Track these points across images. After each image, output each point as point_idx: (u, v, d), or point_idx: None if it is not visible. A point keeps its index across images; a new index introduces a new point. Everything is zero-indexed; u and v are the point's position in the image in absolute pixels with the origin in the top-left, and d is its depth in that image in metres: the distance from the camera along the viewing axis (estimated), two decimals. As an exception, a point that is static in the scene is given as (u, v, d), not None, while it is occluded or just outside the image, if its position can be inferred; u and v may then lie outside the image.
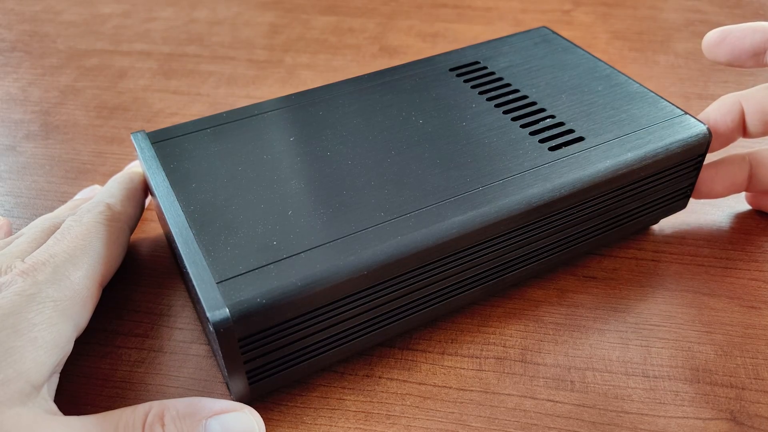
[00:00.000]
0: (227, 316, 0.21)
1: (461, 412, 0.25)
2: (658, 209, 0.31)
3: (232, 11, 0.56)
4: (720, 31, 0.30)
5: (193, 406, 0.22)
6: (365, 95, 0.31)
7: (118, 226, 0.27)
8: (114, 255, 0.26)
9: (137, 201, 0.30)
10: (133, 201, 0.29)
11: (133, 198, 0.29)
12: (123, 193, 0.29)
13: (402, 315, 0.26)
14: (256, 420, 0.23)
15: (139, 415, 0.22)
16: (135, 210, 0.29)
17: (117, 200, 0.28)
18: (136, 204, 0.30)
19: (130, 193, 0.29)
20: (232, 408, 0.23)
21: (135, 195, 0.30)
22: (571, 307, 0.29)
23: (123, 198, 0.29)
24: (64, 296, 0.23)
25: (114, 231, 0.27)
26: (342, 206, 0.25)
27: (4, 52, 0.51)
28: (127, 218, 0.28)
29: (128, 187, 0.30)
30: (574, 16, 0.54)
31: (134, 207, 0.29)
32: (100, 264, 0.25)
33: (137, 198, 0.30)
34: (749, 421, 0.25)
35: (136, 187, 0.30)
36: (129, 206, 0.29)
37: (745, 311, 0.29)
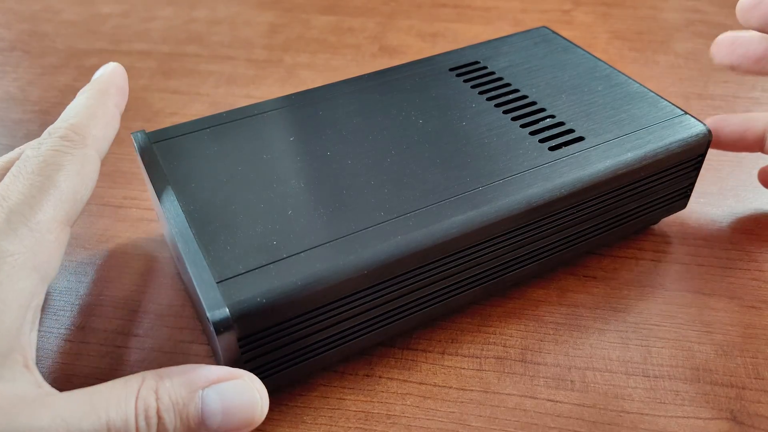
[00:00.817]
0: (227, 316, 0.21)
1: (461, 411, 0.25)
2: (658, 209, 0.31)
3: (232, 11, 0.56)
4: (730, 35, 0.30)
5: (188, 374, 0.20)
6: (365, 95, 0.31)
7: (82, 152, 0.23)
8: (79, 187, 0.23)
9: (107, 118, 0.25)
10: (102, 119, 0.25)
11: (101, 116, 0.25)
12: (88, 111, 0.25)
13: (402, 314, 0.26)
14: (258, 387, 0.21)
15: (132, 389, 0.20)
16: (104, 130, 0.25)
17: (81, 120, 0.24)
18: (106, 122, 0.25)
19: (97, 109, 0.25)
20: (230, 375, 0.21)
21: (103, 111, 0.25)
22: (571, 307, 0.29)
23: (88, 116, 0.24)
24: (24, 247, 0.20)
25: (78, 159, 0.23)
26: (342, 206, 0.25)
27: (3, 52, 0.50)
28: (94, 140, 0.24)
29: (94, 102, 0.25)
30: (574, 15, 0.54)
31: (103, 126, 0.25)
32: (63, 201, 0.22)
33: (107, 115, 0.25)
34: (749, 420, 0.25)
35: (105, 101, 0.25)
36: (96, 126, 0.24)
37: (745, 311, 0.29)
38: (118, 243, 0.33)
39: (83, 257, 0.32)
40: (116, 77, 0.27)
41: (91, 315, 0.29)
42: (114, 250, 0.33)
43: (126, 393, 0.19)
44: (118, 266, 0.32)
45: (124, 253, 0.32)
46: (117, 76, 0.27)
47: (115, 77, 0.27)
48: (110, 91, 0.26)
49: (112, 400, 0.19)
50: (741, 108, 0.42)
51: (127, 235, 0.33)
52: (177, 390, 0.20)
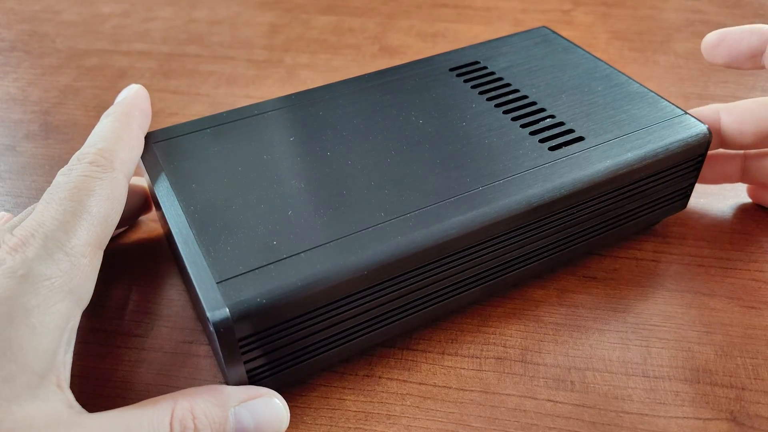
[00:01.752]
0: (227, 316, 0.21)
1: (461, 412, 0.25)
2: (658, 209, 0.31)
3: (232, 11, 0.56)
4: (718, 33, 0.30)
5: (218, 394, 0.21)
6: (365, 95, 0.31)
7: (111, 176, 0.24)
8: (110, 211, 0.23)
9: (132, 142, 0.26)
10: (128, 143, 0.25)
11: (127, 139, 0.25)
12: (114, 135, 0.25)
13: (402, 315, 0.26)
14: (283, 404, 0.23)
15: (165, 410, 0.20)
16: (130, 153, 0.25)
17: (108, 144, 0.25)
18: (132, 145, 0.26)
19: (123, 132, 0.25)
20: (256, 393, 0.22)
21: (128, 135, 0.26)
22: (571, 307, 0.29)
23: (114, 140, 0.25)
24: (60, 271, 0.21)
25: (108, 183, 0.23)
26: (342, 206, 0.25)
27: (4, 52, 0.50)
28: (122, 165, 0.25)
29: (119, 126, 0.26)
30: (574, 16, 0.54)
31: (129, 149, 0.25)
32: (95, 225, 0.22)
33: (132, 138, 0.26)
34: (749, 421, 0.25)
35: (130, 123, 0.26)
36: (123, 149, 0.25)
37: (745, 312, 0.29)
38: (119, 243, 0.33)
39: (83, 257, 0.32)
40: (139, 99, 0.28)
41: (91, 315, 0.29)
42: (114, 250, 0.33)
43: (159, 414, 0.20)
44: (118, 266, 0.32)
45: (125, 253, 0.32)
46: (140, 98, 0.28)
47: (139, 99, 0.28)
48: (134, 114, 0.27)
49: (145, 421, 0.20)
50: (741, 108, 0.42)
51: (127, 235, 0.33)
52: (212, 410, 0.21)
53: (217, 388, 0.22)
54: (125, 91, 0.28)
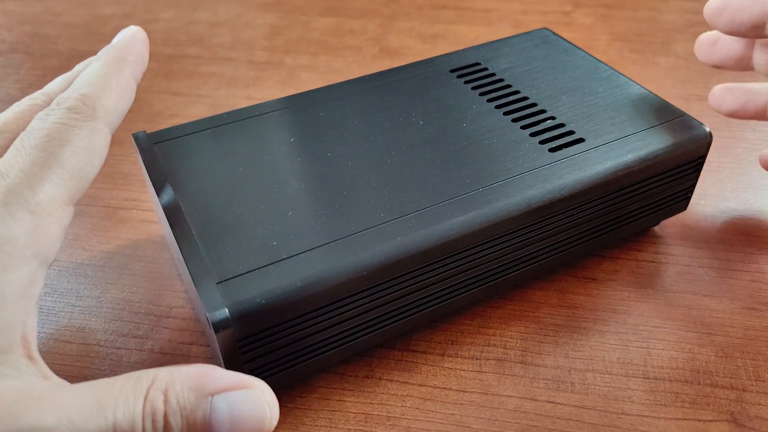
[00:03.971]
0: (227, 317, 0.21)
1: (461, 413, 0.25)
2: (658, 211, 0.31)
3: (233, 12, 0.56)
4: (720, 1, 0.29)
5: (199, 379, 0.19)
6: (366, 96, 0.31)
7: (91, 125, 0.21)
8: (85, 164, 0.21)
9: (121, 89, 0.23)
10: (116, 90, 0.23)
11: (115, 86, 0.23)
12: (101, 80, 0.23)
13: (402, 316, 0.25)
14: (269, 399, 0.20)
15: (141, 388, 0.19)
16: (117, 101, 0.23)
17: (92, 90, 0.22)
18: (120, 93, 0.23)
19: (111, 78, 0.23)
20: (241, 384, 0.20)
21: (117, 81, 0.23)
22: (571, 309, 0.29)
23: (101, 86, 0.22)
24: (22, 232, 0.19)
25: (86, 133, 0.21)
26: (342, 207, 0.25)
27: (5, 54, 0.51)
28: (105, 112, 0.22)
29: (108, 70, 0.23)
30: (575, 17, 0.54)
31: (116, 97, 0.23)
32: (66, 179, 0.20)
33: (121, 85, 0.23)
34: (750, 422, 0.25)
35: (121, 69, 0.23)
36: (109, 97, 0.22)
37: (745, 313, 0.29)
38: (119, 244, 0.33)
39: (83, 258, 0.32)
40: (136, 43, 0.25)
41: (91, 316, 0.29)
42: (114, 251, 0.33)
43: (135, 393, 0.19)
44: (118, 267, 0.32)
45: (125, 254, 0.32)
46: (137, 42, 0.25)
47: (135, 44, 0.25)
48: (127, 59, 0.24)
49: (121, 399, 0.18)
50: (742, 110, 0.42)
51: (127, 236, 0.33)
52: (186, 395, 0.19)
53: (204, 372, 0.20)
54: (121, 33, 0.25)
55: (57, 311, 0.30)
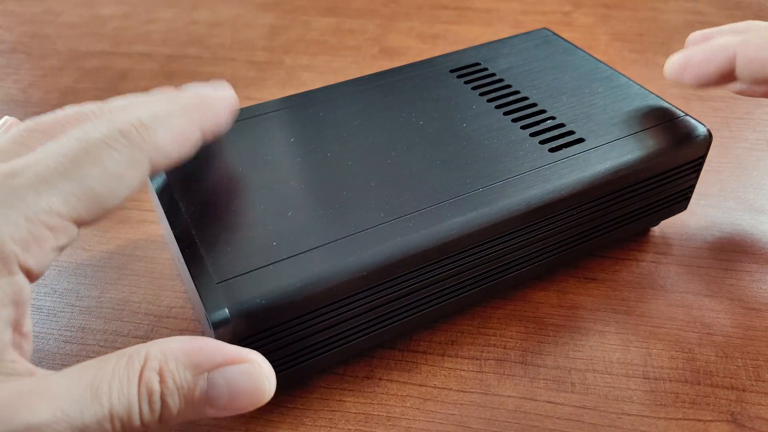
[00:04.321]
0: (227, 317, 0.21)
1: (461, 413, 0.25)
2: (658, 211, 0.31)
3: (233, 13, 0.56)
4: (680, 57, 0.28)
5: (194, 355, 0.19)
6: (365, 96, 0.31)
7: (134, 156, 0.20)
8: (107, 189, 0.19)
9: (183, 136, 0.21)
10: (177, 133, 0.21)
11: (178, 129, 0.21)
12: (166, 117, 0.21)
13: (402, 316, 0.25)
14: (266, 372, 0.19)
15: (134, 368, 0.18)
16: (172, 145, 0.21)
17: (153, 122, 0.20)
18: (180, 139, 0.21)
19: (178, 120, 0.21)
20: (239, 358, 0.19)
21: (183, 127, 0.21)
22: (571, 309, 0.29)
23: (164, 123, 0.21)
24: (10, 236, 0.18)
25: (124, 159, 0.19)
26: (342, 207, 0.25)
27: (5, 54, 0.51)
28: (155, 150, 0.20)
29: (179, 112, 0.21)
30: (575, 17, 0.54)
31: (173, 140, 0.21)
32: (79, 196, 0.19)
33: (185, 132, 0.21)
34: (750, 423, 0.25)
35: (193, 117, 0.22)
36: (166, 136, 0.21)
37: (745, 313, 0.29)
38: (119, 245, 0.33)
39: (83, 258, 0.32)
40: (220, 103, 0.24)
41: (91, 316, 0.29)
42: (114, 251, 0.33)
43: (129, 375, 0.18)
44: (118, 268, 0.32)
45: (124, 254, 0.32)
46: (223, 102, 0.24)
47: (220, 103, 0.24)
48: (205, 112, 0.23)
49: (115, 383, 0.18)
50: (741, 109, 0.42)
51: (127, 236, 0.33)
52: (182, 373, 0.18)
53: (197, 345, 0.19)
54: (216, 88, 0.24)
55: (57, 311, 0.30)
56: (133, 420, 0.18)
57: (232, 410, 0.19)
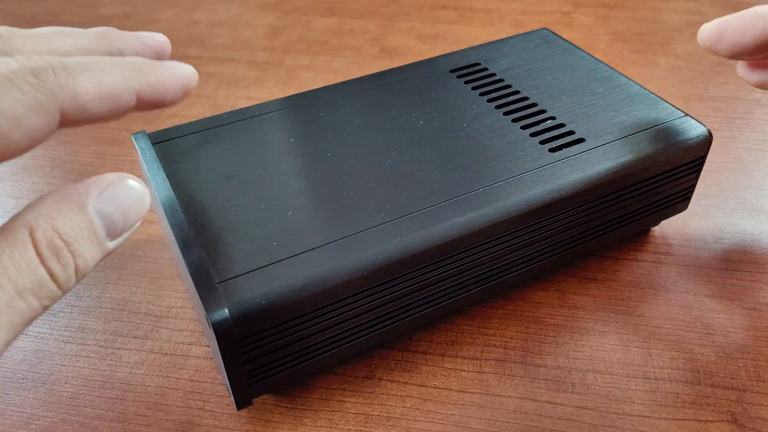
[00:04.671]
0: (227, 317, 0.21)
1: (462, 414, 0.25)
2: (658, 211, 0.31)
3: (233, 13, 0.56)
4: (715, 26, 0.26)
5: (71, 199, 0.18)
6: (366, 96, 0.31)
7: (40, 99, 0.17)
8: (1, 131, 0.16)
9: (111, 95, 0.19)
10: (105, 90, 0.19)
11: (107, 87, 0.19)
12: (98, 68, 0.19)
13: (402, 316, 0.25)
14: (140, 183, 0.19)
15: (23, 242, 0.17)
16: (94, 101, 0.18)
17: (77, 69, 0.18)
18: (106, 96, 0.19)
19: (111, 77, 0.19)
20: (107, 182, 0.18)
21: (115, 84, 0.19)
22: (571, 309, 0.29)
23: (91, 74, 0.18)
24: None
25: (27, 102, 0.17)
26: (342, 207, 0.25)
27: (5, 54, 0.50)
28: (71, 98, 0.18)
29: (115, 68, 0.19)
30: (575, 17, 0.54)
31: (96, 96, 0.18)
32: None
33: (115, 91, 0.19)
34: (750, 423, 0.25)
35: (131, 79, 0.19)
36: (88, 85, 0.18)
37: (746, 313, 0.29)
38: (119, 244, 0.33)
39: (83, 259, 0.32)
40: (173, 74, 0.21)
41: (90, 316, 0.29)
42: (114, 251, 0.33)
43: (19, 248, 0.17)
44: (118, 268, 0.32)
45: (124, 254, 0.32)
46: (177, 76, 0.21)
47: (172, 73, 0.21)
48: (147, 77, 0.20)
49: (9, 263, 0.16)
50: (741, 109, 0.42)
51: (127, 236, 0.33)
52: (74, 218, 0.17)
53: (65, 192, 0.18)
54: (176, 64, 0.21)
55: (56, 311, 0.30)
56: (47, 288, 0.17)
57: (128, 228, 0.19)
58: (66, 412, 0.25)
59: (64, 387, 0.26)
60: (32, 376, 0.27)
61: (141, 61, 0.20)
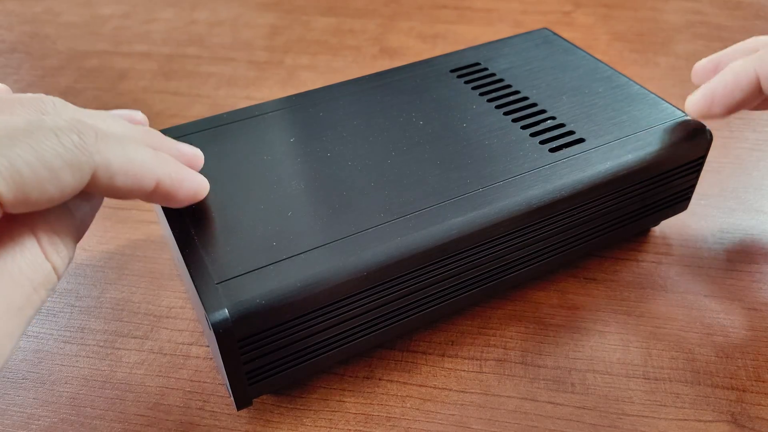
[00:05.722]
0: (227, 317, 0.21)
1: (461, 414, 0.25)
2: (658, 211, 0.31)
3: (233, 12, 0.56)
4: (702, 95, 0.27)
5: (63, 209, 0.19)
6: (366, 96, 0.31)
7: (78, 158, 0.18)
8: (38, 181, 0.17)
9: (138, 171, 0.20)
10: (135, 164, 0.20)
11: (137, 161, 0.20)
12: (133, 144, 0.20)
13: (402, 316, 0.25)
14: None
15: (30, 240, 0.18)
16: (123, 172, 0.19)
17: (116, 139, 0.19)
18: (133, 171, 0.20)
19: (143, 155, 0.20)
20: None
21: (144, 165, 0.20)
22: (571, 309, 0.29)
23: (127, 145, 0.20)
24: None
25: (67, 158, 0.18)
26: (342, 207, 0.25)
27: (5, 54, 0.51)
28: (104, 164, 0.19)
29: (148, 150, 0.21)
30: (575, 17, 0.54)
31: (126, 168, 0.19)
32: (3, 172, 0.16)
33: (142, 172, 0.20)
34: (750, 423, 0.25)
35: (159, 165, 0.21)
36: (121, 157, 0.19)
37: (746, 313, 0.29)
38: (118, 245, 0.33)
39: (83, 259, 0.32)
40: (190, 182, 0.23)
41: (90, 316, 0.29)
42: (114, 251, 0.33)
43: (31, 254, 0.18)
44: (117, 268, 0.32)
45: (124, 254, 0.32)
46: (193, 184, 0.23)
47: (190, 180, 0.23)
48: (170, 175, 0.22)
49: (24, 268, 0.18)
50: (742, 110, 0.42)
51: (127, 236, 0.33)
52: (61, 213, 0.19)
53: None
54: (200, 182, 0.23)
55: (56, 311, 0.30)
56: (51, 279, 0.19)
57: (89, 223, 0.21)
58: (66, 412, 0.25)
59: (64, 387, 0.26)
60: (32, 376, 0.27)
61: (169, 156, 0.22)
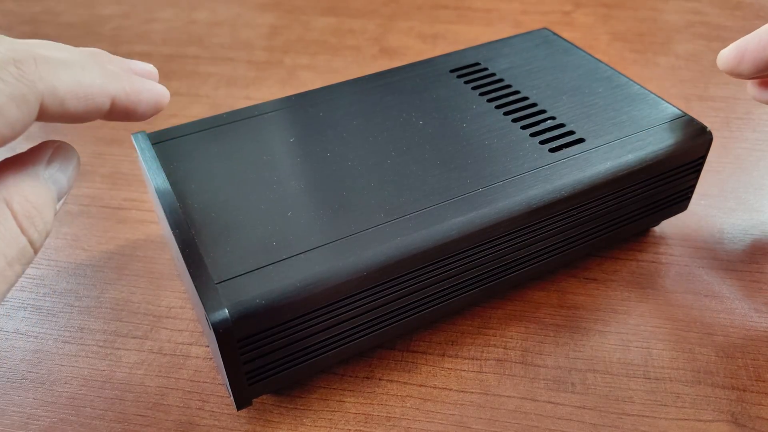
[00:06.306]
0: (226, 317, 0.21)
1: (461, 414, 0.25)
2: (658, 211, 0.31)
3: (232, 12, 0.56)
4: (734, 48, 0.27)
5: (29, 168, 0.19)
6: (365, 96, 0.31)
7: (21, 90, 0.17)
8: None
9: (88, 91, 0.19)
10: (83, 85, 0.19)
11: (86, 81, 0.19)
12: (78, 65, 0.19)
13: (402, 316, 0.25)
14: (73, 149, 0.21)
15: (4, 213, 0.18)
16: (72, 95, 0.18)
17: (57, 62, 0.18)
18: (83, 93, 0.19)
19: (90, 74, 0.19)
20: (51, 146, 0.20)
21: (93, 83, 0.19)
22: (571, 309, 0.29)
23: (71, 67, 0.19)
24: None
25: (8, 91, 0.17)
26: (342, 207, 0.25)
27: (4, 53, 0.50)
28: (50, 91, 0.18)
29: (95, 67, 0.19)
30: (575, 17, 0.54)
31: (74, 90, 0.19)
32: None
33: (92, 90, 0.19)
34: (750, 423, 0.25)
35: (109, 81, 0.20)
36: (68, 80, 0.18)
37: (745, 313, 0.29)
38: (118, 245, 0.33)
39: (83, 259, 0.32)
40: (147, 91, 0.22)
41: (90, 316, 0.29)
42: (114, 251, 0.33)
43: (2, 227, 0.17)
44: (117, 268, 0.32)
45: (124, 254, 0.32)
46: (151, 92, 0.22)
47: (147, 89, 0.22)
48: (124, 89, 0.20)
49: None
50: (741, 109, 0.42)
51: (126, 236, 0.33)
52: (38, 186, 0.19)
53: (19, 163, 0.19)
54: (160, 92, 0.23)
55: (56, 311, 0.30)
56: (27, 253, 0.18)
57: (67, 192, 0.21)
58: (66, 412, 0.25)
59: (64, 387, 0.26)
60: (32, 376, 0.27)
61: (120, 70, 0.21)
